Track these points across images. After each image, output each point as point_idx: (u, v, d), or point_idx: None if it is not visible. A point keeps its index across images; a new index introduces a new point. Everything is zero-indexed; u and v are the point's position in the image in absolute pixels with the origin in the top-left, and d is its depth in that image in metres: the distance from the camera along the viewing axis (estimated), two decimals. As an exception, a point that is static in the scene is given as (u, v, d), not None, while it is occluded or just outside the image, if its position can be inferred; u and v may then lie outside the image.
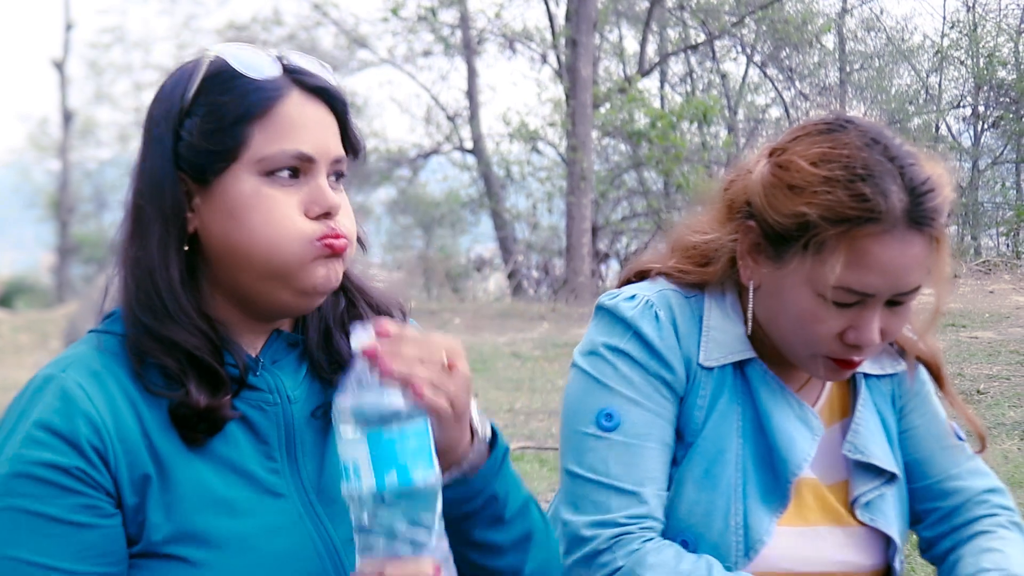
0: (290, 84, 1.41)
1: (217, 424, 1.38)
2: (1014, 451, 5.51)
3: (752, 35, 15.40)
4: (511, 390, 8.72)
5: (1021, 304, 8.50)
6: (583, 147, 14.59)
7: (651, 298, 1.77)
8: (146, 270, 1.39)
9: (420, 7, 17.09)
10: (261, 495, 1.40)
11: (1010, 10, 11.71)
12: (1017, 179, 11.61)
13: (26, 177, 31.45)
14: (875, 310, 1.63)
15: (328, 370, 1.49)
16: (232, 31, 20.29)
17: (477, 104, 18.08)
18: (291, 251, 1.37)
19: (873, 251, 1.58)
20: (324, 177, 1.40)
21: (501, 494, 1.44)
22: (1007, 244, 11.12)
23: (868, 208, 1.56)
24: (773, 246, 1.67)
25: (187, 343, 1.37)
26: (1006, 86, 11.61)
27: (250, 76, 1.39)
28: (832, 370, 1.70)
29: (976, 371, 6.61)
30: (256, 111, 1.38)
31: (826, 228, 1.58)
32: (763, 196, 1.67)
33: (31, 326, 16.48)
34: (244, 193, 1.38)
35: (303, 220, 1.38)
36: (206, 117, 1.39)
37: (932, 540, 1.86)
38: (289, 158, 1.38)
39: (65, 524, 1.30)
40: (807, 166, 1.62)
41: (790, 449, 1.72)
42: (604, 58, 17.60)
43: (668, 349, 1.74)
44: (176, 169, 1.39)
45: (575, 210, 14.81)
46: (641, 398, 1.72)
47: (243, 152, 1.37)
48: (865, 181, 1.57)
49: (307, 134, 1.39)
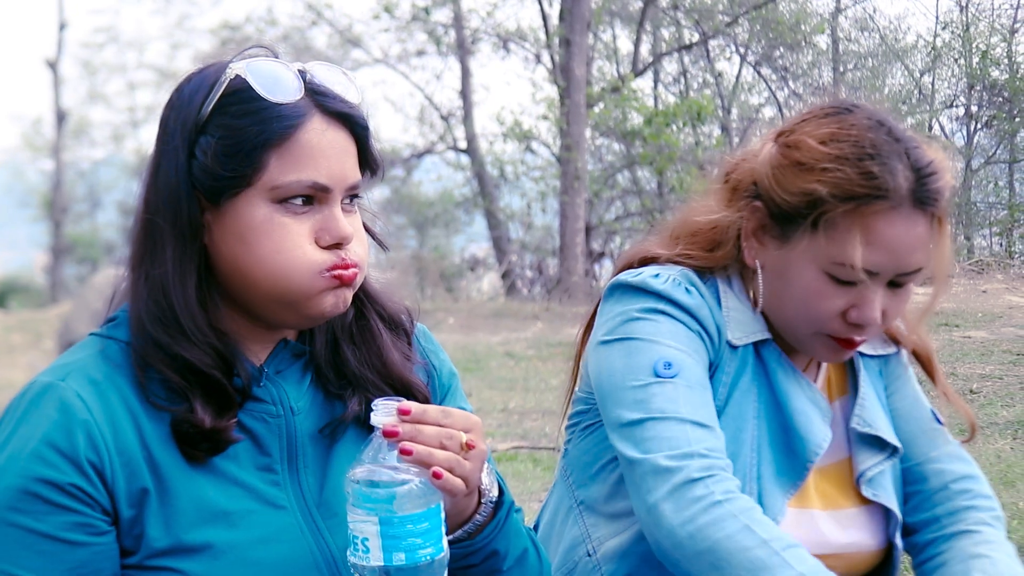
0: (312, 108, 1.37)
1: (220, 445, 1.37)
2: (1007, 450, 5.52)
3: (746, 35, 15.39)
4: (505, 390, 8.71)
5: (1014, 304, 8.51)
6: (577, 147, 14.58)
7: (674, 275, 1.77)
8: (160, 286, 1.37)
9: (414, 6, 17.07)
10: (261, 507, 1.39)
11: (1003, 10, 11.72)
12: (1010, 179, 11.61)
13: (19, 177, 31.40)
14: (878, 289, 1.65)
15: (335, 382, 1.49)
16: (226, 31, 20.26)
17: (471, 104, 18.07)
18: (300, 281, 1.36)
19: (880, 229, 1.61)
20: (338, 206, 1.38)
21: (502, 550, 1.45)
22: (1000, 244, 11.12)
23: (876, 186, 1.60)
24: (779, 225, 1.70)
25: (199, 361, 1.36)
26: (999, 86, 11.62)
27: (271, 100, 1.35)
28: (832, 350, 1.71)
29: (969, 370, 6.62)
30: (275, 138, 1.34)
31: (835, 205, 1.61)
32: (771, 175, 1.69)
33: (24, 326, 16.44)
34: (256, 219, 1.35)
35: (314, 249, 1.36)
36: (223, 139, 1.35)
37: (913, 526, 1.87)
38: (304, 188, 1.35)
39: (58, 541, 1.29)
40: (816, 145, 1.65)
41: (809, 431, 1.73)
42: (598, 58, 17.58)
43: (704, 317, 1.74)
44: (191, 186, 1.37)
45: (569, 210, 14.80)
46: (689, 350, 1.71)
47: (258, 178, 1.35)
48: (873, 159, 1.61)
49: (324, 163, 1.36)
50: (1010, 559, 1.75)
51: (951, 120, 12.24)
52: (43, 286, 27.33)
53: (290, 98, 1.36)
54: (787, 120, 1.76)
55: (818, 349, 1.73)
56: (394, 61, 18.73)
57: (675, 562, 1.58)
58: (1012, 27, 11.60)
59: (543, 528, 2.01)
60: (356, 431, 1.49)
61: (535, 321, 12.50)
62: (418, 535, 1.25)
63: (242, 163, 1.35)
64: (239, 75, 1.37)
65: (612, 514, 1.84)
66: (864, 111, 1.68)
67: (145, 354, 1.37)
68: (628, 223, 16.55)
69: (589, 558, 1.85)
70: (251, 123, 1.35)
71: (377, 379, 1.50)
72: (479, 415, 1.42)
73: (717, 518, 1.54)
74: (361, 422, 1.48)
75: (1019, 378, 6.42)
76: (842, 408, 1.85)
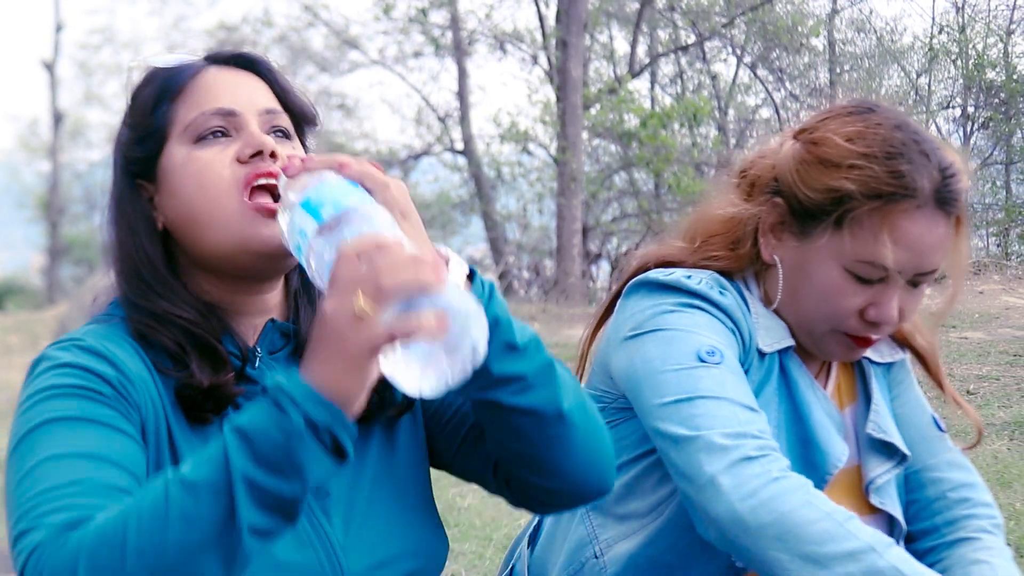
0: (204, 64, 1.46)
1: (223, 402, 1.38)
2: (1004, 451, 5.52)
3: (742, 36, 15.40)
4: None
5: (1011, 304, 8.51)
6: (573, 148, 14.58)
7: (704, 278, 1.76)
8: (129, 261, 1.43)
9: (411, 8, 17.07)
10: None
11: (999, 11, 11.73)
12: (1007, 180, 11.62)
13: (16, 178, 31.37)
14: (896, 288, 1.66)
15: None
16: (222, 32, 20.25)
17: (468, 105, 18.05)
18: (222, 203, 1.38)
19: (904, 227, 1.62)
20: (255, 126, 1.41)
21: (503, 318, 1.36)
22: (997, 245, 11.12)
23: (904, 185, 1.61)
24: (800, 222, 1.70)
25: (181, 317, 1.38)
26: (995, 87, 11.63)
27: (167, 66, 1.44)
28: (847, 348, 1.72)
29: (966, 371, 6.62)
30: (174, 89, 1.42)
31: (862, 203, 1.62)
32: (795, 171, 1.70)
33: (21, 327, 16.43)
34: (178, 164, 1.41)
35: (234, 168, 1.39)
36: (132, 113, 1.45)
37: (913, 535, 1.87)
38: (211, 117, 1.40)
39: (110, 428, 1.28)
40: (843, 142, 1.65)
41: (829, 443, 1.73)
42: (594, 59, 17.58)
43: (738, 319, 1.73)
44: (131, 178, 1.44)
45: (565, 211, 14.80)
46: (728, 344, 1.70)
47: (170, 130, 1.41)
48: (902, 158, 1.62)
49: (227, 93, 1.42)
50: (1009, 564, 1.75)
51: (948, 121, 12.24)
52: (40, 287, 27.33)
53: (183, 61, 1.45)
54: (807, 119, 1.77)
55: (832, 347, 1.73)
56: (391, 62, 18.73)
57: (733, 538, 1.53)
58: (1008, 28, 11.62)
59: (547, 527, 2.00)
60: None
61: (532, 322, 12.50)
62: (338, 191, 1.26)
63: (150, 121, 1.42)
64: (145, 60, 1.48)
65: (621, 515, 1.83)
66: (885, 111, 1.69)
67: (138, 322, 1.40)
68: (625, 224, 16.55)
69: (596, 560, 1.83)
70: (151, 86, 1.44)
71: None
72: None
73: (779, 492, 1.51)
74: None
75: (1016, 379, 6.43)
76: (851, 415, 1.85)
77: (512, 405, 1.35)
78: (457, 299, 1.13)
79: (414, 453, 1.55)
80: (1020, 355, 6.87)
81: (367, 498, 1.45)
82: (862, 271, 1.65)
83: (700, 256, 1.81)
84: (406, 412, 1.54)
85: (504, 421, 1.36)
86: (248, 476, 1.11)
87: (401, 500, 1.49)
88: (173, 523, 1.11)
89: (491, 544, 5.05)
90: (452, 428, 1.55)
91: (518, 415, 1.36)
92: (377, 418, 1.50)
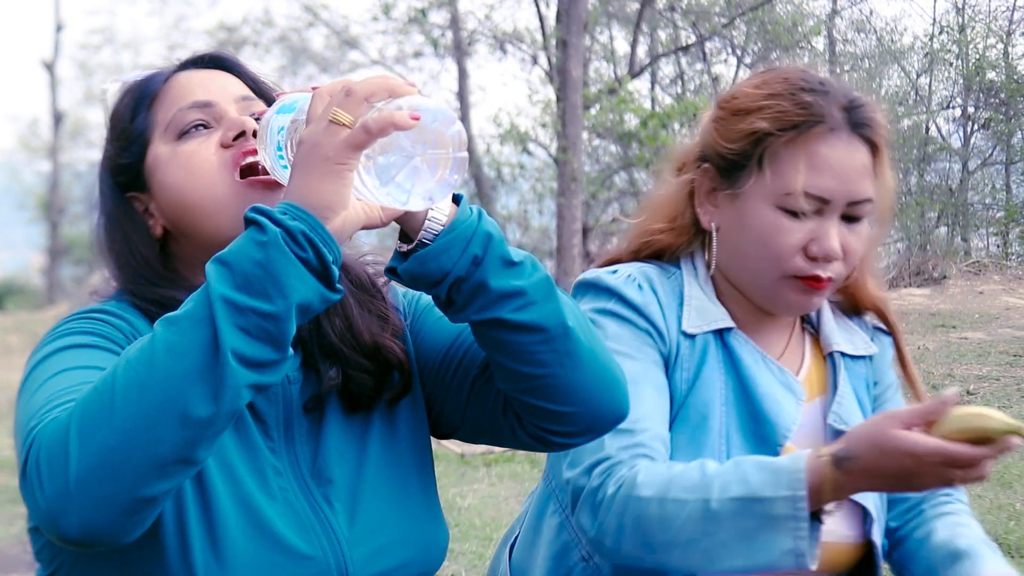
0: (176, 69, 1.50)
1: None
2: (1004, 451, 5.51)
3: (742, 37, 15.40)
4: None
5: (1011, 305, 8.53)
6: (573, 148, 14.57)
7: (632, 272, 1.83)
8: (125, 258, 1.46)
9: (411, 8, 17.06)
10: (261, 466, 1.40)
11: (999, 12, 11.73)
12: (1007, 180, 11.62)
13: (16, 178, 31.39)
14: (833, 220, 1.72)
15: (319, 356, 1.50)
16: (223, 32, 20.25)
17: (468, 105, 18.06)
18: (215, 184, 1.40)
19: (822, 152, 1.71)
20: (233, 111, 1.44)
21: (496, 236, 1.35)
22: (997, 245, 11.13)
23: (811, 112, 1.71)
24: (728, 178, 1.78)
25: (173, 297, 1.39)
26: (996, 88, 11.63)
27: (139, 79, 1.48)
28: (801, 292, 1.75)
29: (966, 372, 6.63)
30: (148, 96, 1.45)
31: (776, 137, 1.72)
32: (714, 131, 1.81)
33: (21, 327, 16.44)
34: (164, 161, 1.42)
35: (219, 151, 1.42)
36: (112, 129, 1.48)
37: (895, 528, 1.90)
38: (189, 111, 1.42)
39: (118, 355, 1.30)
40: (751, 90, 1.78)
41: (778, 415, 1.76)
42: (594, 59, 17.58)
43: (652, 312, 1.79)
44: (121, 193, 1.46)
45: (565, 211, 14.79)
46: (632, 350, 1.75)
47: (152, 133, 1.43)
48: (806, 92, 1.73)
49: (200, 89, 1.45)
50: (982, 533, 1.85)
51: (948, 122, 12.25)
52: (40, 288, 27.33)
53: (153, 71, 1.49)
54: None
55: (787, 295, 1.76)
56: (391, 62, 18.73)
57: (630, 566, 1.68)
58: (1008, 29, 11.62)
59: (523, 534, 1.99)
60: (339, 404, 1.50)
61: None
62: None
63: (131, 128, 1.45)
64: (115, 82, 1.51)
65: None
66: (794, 66, 1.82)
67: (145, 307, 1.43)
68: (625, 225, 16.54)
69: (586, 563, 1.83)
70: (126, 101, 1.47)
71: (352, 350, 1.50)
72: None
73: (618, 511, 1.61)
74: (343, 394, 1.50)
75: (1016, 379, 6.43)
76: (822, 406, 1.87)
77: (516, 321, 1.34)
78: (428, 100, 1.17)
79: (416, 439, 1.56)
80: (1020, 355, 6.88)
81: (370, 485, 1.46)
82: (791, 204, 1.71)
83: (642, 240, 1.88)
84: (405, 395, 1.54)
85: (511, 343, 1.35)
86: (227, 297, 1.12)
87: (403, 488, 1.50)
88: (159, 357, 1.12)
89: (491, 544, 5.06)
90: (459, 378, 1.54)
91: (523, 333, 1.34)
92: (376, 404, 1.51)
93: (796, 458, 1.59)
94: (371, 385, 1.49)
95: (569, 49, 14.94)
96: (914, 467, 1.51)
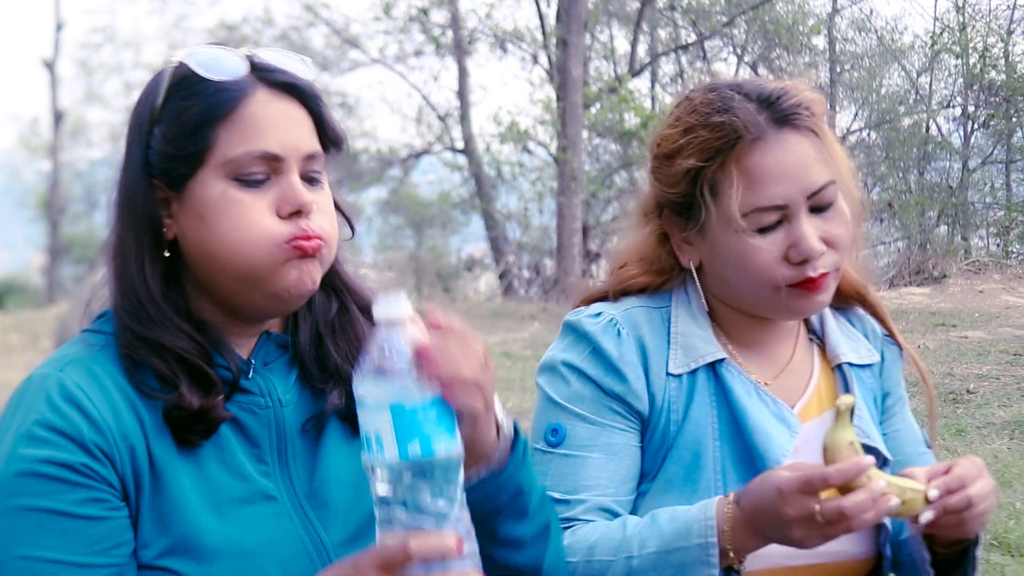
0: (255, 82, 1.39)
1: (212, 425, 1.37)
2: (1003, 450, 5.53)
3: (743, 35, 15.41)
4: (502, 390, 8.71)
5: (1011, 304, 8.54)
6: (573, 147, 14.59)
7: (616, 316, 1.81)
8: (128, 281, 1.39)
9: (411, 7, 17.08)
10: (252, 496, 1.39)
11: (1000, 11, 11.74)
12: (1007, 179, 11.63)
13: (16, 177, 31.38)
14: (801, 219, 1.69)
15: (319, 377, 1.49)
16: (223, 31, 20.25)
17: (468, 104, 18.07)
18: (260, 254, 1.35)
19: (756, 163, 1.68)
20: (295, 175, 1.38)
21: (526, 487, 1.43)
22: (997, 244, 11.14)
23: (727, 132, 1.68)
24: (687, 218, 1.76)
25: (174, 346, 1.36)
26: (996, 86, 11.64)
27: (213, 78, 1.37)
28: (799, 297, 1.73)
29: (966, 371, 6.63)
30: (219, 113, 1.36)
31: (708, 167, 1.70)
32: (655, 181, 1.80)
33: (22, 326, 16.44)
34: (213, 198, 1.36)
35: (273, 221, 1.36)
36: (171, 123, 1.37)
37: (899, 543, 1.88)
38: (255, 159, 1.36)
39: (75, 518, 1.28)
40: (670, 131, 1.77)
41: (768, 446, 1.74)
42: (594, 58, 17.59)
43: (627, 365, 1.77)
44: (148, 177, 1.39)
45: (565, 210, 14.80)
46: (588, 412, 1.76)
47: (210, 156, 1.36)
48: (716, 113, 1.70)
49: (273, 133, 1.37)
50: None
51: (948, 120, 12.27)
52: (40, 286, 27.34)
53: (232, 76, 1.38)
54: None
55: (787, 304, 1.74)
56: (392, 61, 18.75)
57: None
58: (1009, 28, 11.63)
59: None
60: (339, 425, 1.50)
61: (532, 321, 12.51)
62: (431, 425, 1.23)
63: (190, 141, 1.36)
64: (182, 62, 1.39)
65: None
66: (699, 87, 1.78)
67: (129, 346, 1.37)
68: (625, 224, 16.54)
69: None
70: (196, 102, 1.36)
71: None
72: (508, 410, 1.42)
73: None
74: (343, 416, 1.49)
75: (1016, 378, 6.44)
76: None
77: (504, 563, 1.44)
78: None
79: None
80: (1020, 354, 6.89)
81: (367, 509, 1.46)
82: (752, 223, 1.68)
83: (624, 286, 1.87)
84: None
85: (489, 564, 1.38)
86: None
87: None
88: None
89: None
90: None
91: (502, 569, 1.43)
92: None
93: (707, 505, 1.63)
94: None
95: (569, 48, 14.95)
96: (780, 505, 1.51)
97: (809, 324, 1.92)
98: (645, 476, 1.77)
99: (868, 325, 1.95)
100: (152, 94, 1.40)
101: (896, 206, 11.59)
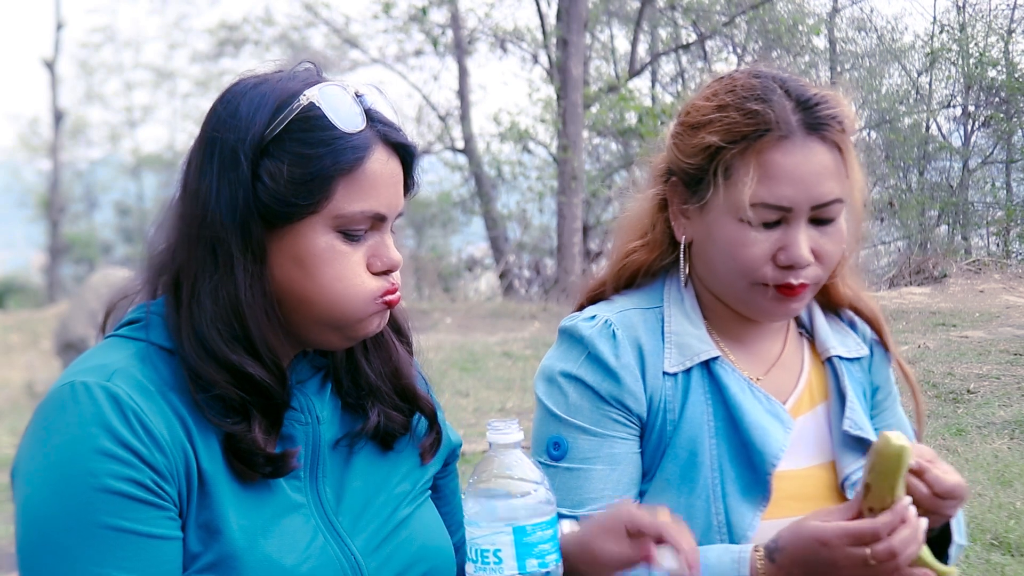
0: (376, 139, 1.40)
1: (281, 471, 1.39)
2: (1004, 450, 5.53)
3: (743, 35, 15.40)
4: (502, 389, 8.72)
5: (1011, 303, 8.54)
6: (574, 147, 14.59)
7: (611, 318, 1.82)
8: (232, 306, 1.37)
9: (411, 7, 17.08)
10: (285, 510, 1.40)
11: (1000, 11, 11.73)
12: (1007, 179, 11.62)
13: (17, 177, 31.41)
14: (799, 226, 1.69)
15: (353, 393, 1.53)
16: (223, 30, 20.27)
17: (468, 104, 18.07)
18: (355, 307, 1.40)
19: (777, 161, 1.67)
20: (389, 234, 1.44)
21: None
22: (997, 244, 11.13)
23: (759, 121, 1.68)
24: (693, 191, 1.77)
25: (263, 378, 1.37)
26: (996, 86, 11.63)
27: (344, 131, 1.37)
28: (776, 300, 1.74)
29: (966, 370, 6.64)
30: (344, 168, 1.37)
31: (729, 149, 1.70)
32: (673, 146, 1.80)
33: (22, 326, 16.43)
34: (318, 246, 1.38)
35: (368, 277, 1.41)
36: (295, 166, 1.36)
37: None
38: (362, 218, 1.39)
39: (150, 538, 1.29)
40: (703, 103, 1.76)
41: (765, 442, 1.75)
42: (595, 58, 17.60)
43: (624, 368, 1.78)
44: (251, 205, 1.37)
45: (566, 210, 14.80)
46: (589, 424, 1.77)
47: (324, 206, 1.37)
48: (754, 100, 1.70)
49: (384, 194, 1.41)
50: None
51: (948, 120, 12.25)
52: (40, 286, 27.34)
53: (358, 128, 1.38)
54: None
55: (762, 303, 1.75)
56: (391, 61, 18.75)
57: None
58: (1009, 28, 11.62)
59: None
60: (371, 443, 1.53)
61: (532, 321, 12.52)
62: (546, 542, 1.34)
63: (314, 191, 1.36)
64: (312, 102, 1.38)
65: None
66: (747, 69, 1.78)
67: (203, 369, 1.36)
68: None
69: None
70: (325, 152, 1.36)
71: (390, 389, 1.55)
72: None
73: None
74: (376, 434, 1.53)
75: (1016, 378, 6.44)
76: (825, 412, 1.86)
77: None
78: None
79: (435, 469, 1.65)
80: (1020, 354, 6.89)
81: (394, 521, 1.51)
82: (755, 215, 1.69)
83: (620, 263, 1.88)
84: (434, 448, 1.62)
85: None
86: None
87: (426, 523, 1.56)
88: None
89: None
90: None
91: None
92: (405, 445, 1.58)
93: (739, 561, 1.63)
94: (402, 423, 1.56)
95: (569, 47, 14.95)
96: (828, 555, 1.53)
97: (798, 319, 1.93)
98: (644, 476, 1.78)
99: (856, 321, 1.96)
100: (263, 115, 1.38)
101: (896, 205, 11.59)
